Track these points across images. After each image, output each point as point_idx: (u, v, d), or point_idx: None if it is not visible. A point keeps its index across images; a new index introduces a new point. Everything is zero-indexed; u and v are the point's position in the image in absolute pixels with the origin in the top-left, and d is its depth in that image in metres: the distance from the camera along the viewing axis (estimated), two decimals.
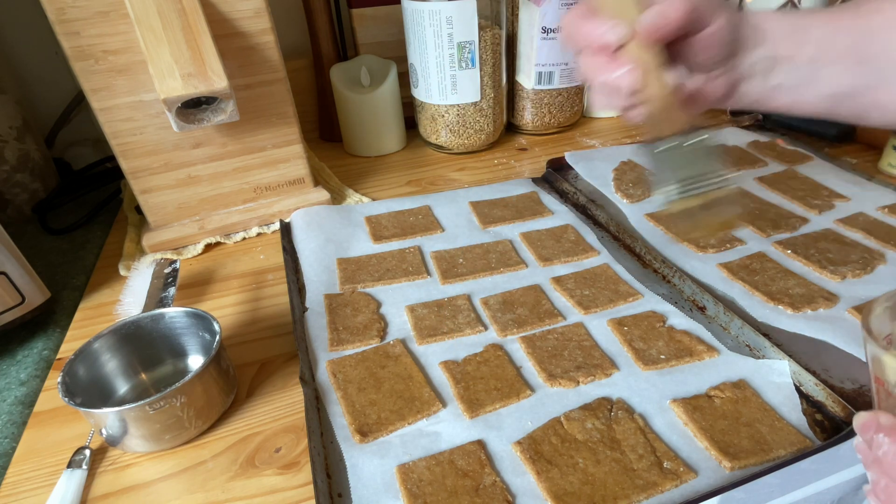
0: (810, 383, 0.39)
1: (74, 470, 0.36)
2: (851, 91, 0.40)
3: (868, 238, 0.54)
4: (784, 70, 0.40)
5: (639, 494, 0.32)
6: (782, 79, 0.41)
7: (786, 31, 0.39)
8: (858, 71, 0.39)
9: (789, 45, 0.39)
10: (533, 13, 0.74)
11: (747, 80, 0.40)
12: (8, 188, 0.67)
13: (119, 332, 0.41)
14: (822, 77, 0.40)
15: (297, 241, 0.58)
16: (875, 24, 0.38)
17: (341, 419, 0.38)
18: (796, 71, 0.40)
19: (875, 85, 0.39)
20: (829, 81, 0.40)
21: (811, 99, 0.41)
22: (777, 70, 0.40)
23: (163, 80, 0.46)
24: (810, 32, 0.40)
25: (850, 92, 0.40)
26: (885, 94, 0.39)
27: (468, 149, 0.78)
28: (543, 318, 0.46)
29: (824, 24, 0.39)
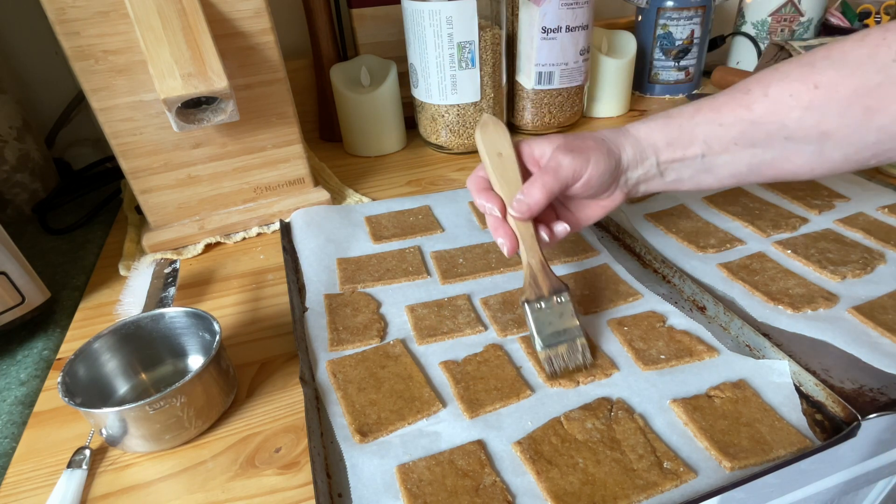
0: (810, 383, 0.39)
1: (74, 470, 0.36)
2: (751, 169, 0.42)
3: (868, 238, 0.54)
4: (677, 168, 0.43)
5: (639, 494, 0.32)
6: (677, 175, 0.44)
7: (668, 139, 0.42)
8: (752, 153, 0.41)
9: (674, 150, 0.42)
10: (533, 13, 0.74)
11: (643, 184, 0.44)
12: (8, 188, 0.67)
13: (119, 332, 0.41)
14: (716, 166, 0.42)
15: (297, 240, 0.58)
16: (758, 112, 0.39)
17: (341, 419, 0.38)
18: (689, 167, 0.43)
19: (774, 160, 0.41)
20: (724, 167, 0.42)
21: (712, 182, 0.44)
22: (669, 171, 0.43)
23: (163, 80, 0.46)
24: (694, 134, 0.41)
25: (750, 170, 0.42)
26: (787, 163, 0.41)
27: (468, 149, 0.78)
28: None
29: (708, 122, 0.41)
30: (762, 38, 0.98)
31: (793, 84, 0.38)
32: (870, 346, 0.42)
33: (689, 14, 0.90)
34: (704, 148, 0.41)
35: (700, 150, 0.42)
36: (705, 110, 0.42)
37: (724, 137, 0.41)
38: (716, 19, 1.02)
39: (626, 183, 0.44)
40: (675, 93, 0.98)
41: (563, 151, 0.41)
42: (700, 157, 0.42)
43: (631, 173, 0.43)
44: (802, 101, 0.38)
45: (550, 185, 0.40)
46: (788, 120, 0.38)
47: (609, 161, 0.41)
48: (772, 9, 0.95)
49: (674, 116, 0.43)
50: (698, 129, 0.41)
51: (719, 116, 0.41)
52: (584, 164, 0.41)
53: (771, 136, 0.39)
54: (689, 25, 0.91)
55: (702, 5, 0.89)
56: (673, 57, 0.94)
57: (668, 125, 0.42)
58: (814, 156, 0.39)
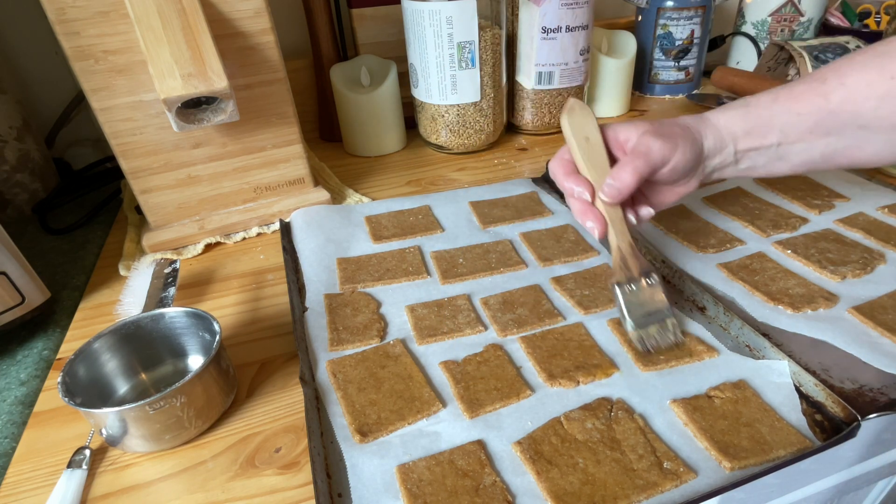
0: (810, 383, 0.39)
1: (74, 470, 0.36)
2: (824, 157, 0.42)
3: (868, 238, 0.54)
4: (752, 156, 0.44)
5: (639, 494, 0.32)
6: (752, 163, 0.44)
7: (746, 128, 0.43)
8: (826, 142, 0.41)
9: (752, 139, 0.43)
10: (533, 13, 0.74)
11: (719, 171, 0.45)
12: (8, 188, 0.67)
13: (119, 332, 0.41)
14: (790, 154, 0.43)
15: (297, 240, 0.58)
16: (835, 102, 0.40)
17: (341, 419, 0.38)
18: (764, 155, 0.43)
19: (847, 148, 0.41)
20: (799, 155, 0.43)
21: (786, 169, 0.44)
22: (745, 158, 0.44)
23: (163, 80, 0.46)
24: (772, 123, 0.42)
25: (824, 158, 0.42)
26: (860, 152, 0.41)
27: (468, 149, 0.78)
28: (543, 318, 0.46)
29: (786, 112, 0.42)
30: (762, 38, 0.98)
31: (870, 74, 0.39)
32: (870, 346, 0.42)
33: (689, 14, 0.90)
34: (781, 137, 0.42)
35: (776, 139, 0.42)
36: (783, 99, 0.42)
37: (800, 126, 0.41)
38: (716, 19, 1.02)
39: (703, 170, 0.44)
40: (675, 93, 0.98)
41: (651, 136, 0.41)
42: (776, 146, 0.42)
43: (710, 161, 0.44)
44: (879, 91, 0.38)
45: (641, 168, 0.41)
46: (864, 109, 0.39)
47: (694, 148, 0.42)
48: (772, 9, 0.95)
49: (752, 105, 0.43)
50: (776, 119, 0.42)
51: (797, 105, 0.41)
52: (673, 150, 0.41)
53: (845, 125, 0.40)
54: (689, 25, 0.91)
55: (702, 5, 0.89)
56: (673, 57, 0.94)
57: (748, 114, 0.43)
58: (886, 144, 0.40)
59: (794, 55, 0.86)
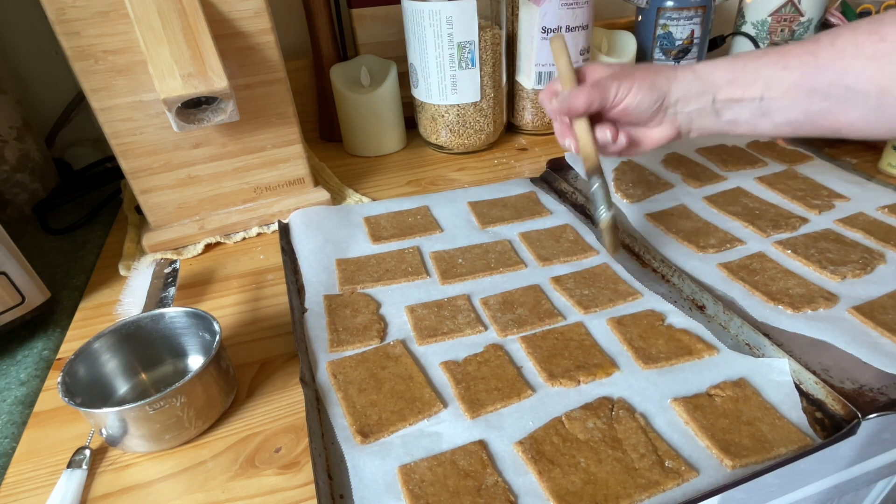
0: (810, 381, 0.39)
1: (74, 470, 0.36)
2: (808, 117, 0.43)
3: (868, 238, 0.54)
4: (734, 108, 0.45)
5: (640, 493, 0.32)
6: (734, 115, 0.45)
7: (729, 76, 0.44)
8: (811, 100, 0.42)
9: (735, 88, 0.44)
10: (533, 13, 0.74)
11: (697, 121, 0.47)
12: (8, 188, 0.67)
13: (119, 332, 0.41)
14: (774, 109, 0.43)
15: (296, 241, 0.58)
16: (823, 58, 0.41)
17: (342, 420, 0.38)
18: (747, 107, 0.44)
19: (830, 110, 0.41)
20: (782, 112, 0.43)
21: (768, 127, 0.45)
22: (726, 110, 0.45)
23: (163, 80, 0.46)
24: (757, 74, 0.43)
25: (807, 118, 0.43)
26: (844, 115, 0.41)
27: (468, 149, 0.78)
28: (543, 318, 0.46)
29: (772, 65, 0.43)
30: (762, 38, 0.98)
31: (860, 36, 0.39)
32: (870, 346, 0.42)
33: (689, 14, 0.90)
34: (764, 89, 0.43)
35: (760, 92, 0.43)
36: (772, 53, 0.43)
37: (786, 80, 0.42)
38: (716, 19, 1.02)
39: (675, 116, 0.47)
40: None
41: (611, 78, 0.46)
42: (759, 100, 0.43)
43: (681, 107, 0.46)
44: (866, 52, 0.39)
45: (592, 97, 0.46)
46: (852, 68, 0.39)
47: (651, 94, 0.45)
48: (772, 9, 0.95)
49: (740, 57, 0.45)
50: (762, 70, 0.43)
51: (784, 59, 0.42)
52: (626, 92, 0.46)
53: (831, 84, 0.40)
54: (689, 25, 0.91)
55: (702, 5, 0.89)
56: (673, 57, 0.94)
57: (733, 64, 0.44)
58: (871, 110, 0.40)
59: None
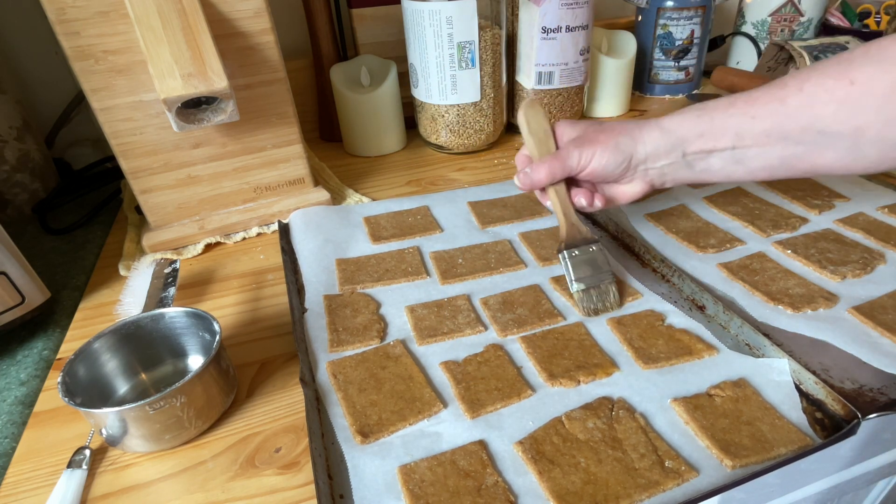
0: (810, 381, 0.39)
1: (74, 470, 0.35)
2: (783, 163, 0.42)
3: (868, 238, 0.54)
4: (707, 159, 0.44)
5: (640, 494, 0.32)
6: (706, 166, 0.45)
7: (697, 131, 0.44)
8: (783, 146, 0.41)
9: (705, 141, 0.44)
10: (533, 13, 0.74)
11: (670, 175, 0.47)
12: (8, 188, 0.67)
13: (119, 332, 0.41)
14: (747, 158, 0.43)
15: (296, 241, 0.58)
16: (792, 106, 0.40)
17: (342, 420, 0.38)
18: (719, 157, 0.44)
19: (805, 154, 0.41)
20: (755, 160, 0.43)
21: (743, 174, 0.45)
22: (699, 161, 0.45)
23: (163, 80, 0.46)
24: (725, 125, 0.43)
25: (782, 163, 0.42)
26: (820, 158, 0.41)
27: (468, 149, 0.78)
28: (543, 318, 0.46)
29: (740, 115, 0.42)
30: (762, 38, 0.98)
31: (828, 80, 0.38)
32: (870, 346, 0.42)
33: (689, 14, 0.90)
34: (735, 140, 0.42)
35: (731, 142, 0.42)
36: (739, 103, 0.42)
37: (755, 129, 0.41)
38: (716, 19, 1.02)
39: (646, 173, 0.47)
40: (675, 93, 0.98)
41: (574, 145, 0.47)
42: (731, 150, 0.43)
43: (651, 164, 0.46)
44: (837, 97, 0.38)
45: (555, 170, 0.47)
46: (823, 114, 0.39)
47: (615, 156, 0.45)
48: (772, 9, 0.95)
49: (707, 109, 0.44)
50: (730, 121, 0.42)
51: (752, 109, 0.42)
52: (589, 158, 0.46)
53: (804, 130, 0.40)
54: (689, 25, 0.91)
55: (702, 5, 0.89)
56: (673, 57, 0.94)
57: (700, 118, 0.44)
58: (848, 151, 0.39)
59: (794, 55, 0.86)
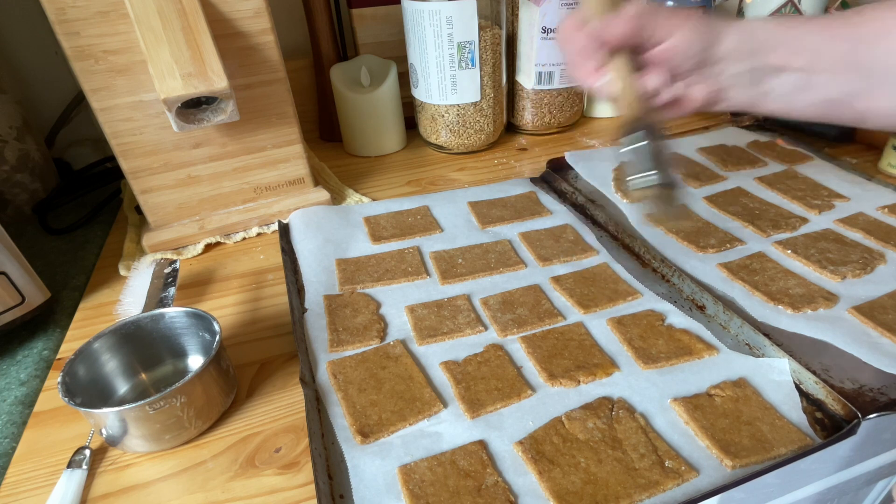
0: (810, 381, 0.39)
1: (74, 470, 0.35)
2: (842, 98, 0.41)
3: (868, 238, 0.54)
4: (775, 78, 0.41)
5: (640, 493, 0.32)
6: (773, 86, 0.42)
7: (779, 40, 0.40)
8: (849, 78, 0.40)
9: (782, 54, 0.40)
10: (533, 13, 0.74)
11: (735, 89, 0.42)
12: (8, 188, 0.67)
13: (119, 332, 0.41)
14: (813, 85, 0.41)
15: (296, 241, 0.57)
16: (866, 33, 0.39)
17: (342, 420, 0.38)
18: (787, 79, 0.41)
19: (866, 91, 0.40)
20: (820, 89, 0.41)
21: (802, 105, 0.42)
22: (768, 79, 0.41)
23: (163, 80, 0.46)
24: (804, 41, 0.40)
25: (842, 98, 0.41)
26: (877, 100, 0.40)
27: (468, 149, 0.78)
28: (543, 318, 0.46)
29: (819, 33, 0.40)
30: None
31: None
32: (870, 346, 0.42)
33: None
34: (811, 59, 0.40)
35: (806, 61, 0.40)
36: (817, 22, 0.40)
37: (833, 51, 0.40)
38: None
39: (717, 76, 0.42)
40: None
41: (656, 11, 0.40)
42: (803, 70, 0.40)
43: (726, 66, 0.41)
44: None
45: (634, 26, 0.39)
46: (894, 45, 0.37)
47: (701, 37, 0.40)
48: (772, 9, 0.95)
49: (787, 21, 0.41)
50: (809, 38, 0.40)
51: (830, 28, 0.40)
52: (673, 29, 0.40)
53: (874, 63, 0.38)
54: None
55: (702, 5, 0.89)
56: None
57: (781, 26, 0.41)
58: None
59: None
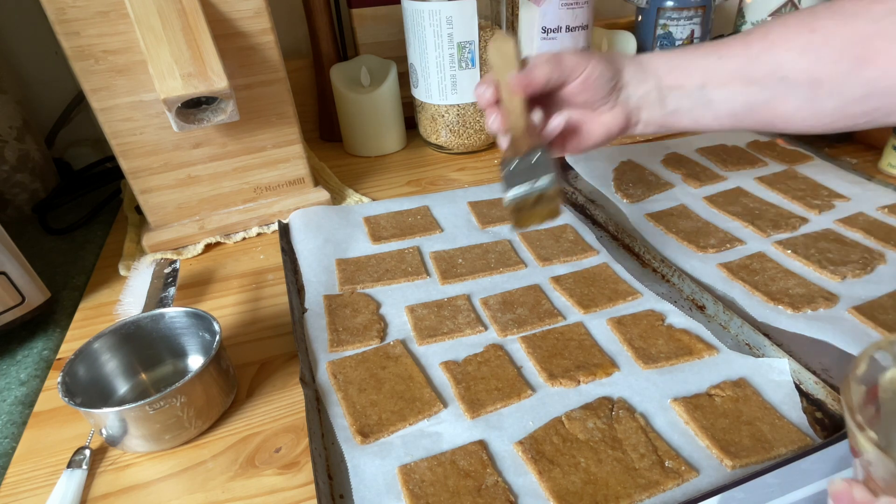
0: (810, 381, 0.39)
1: (74, 470, 0.35)
2: (747, 108, 0.43)
3: (868, 238, 0.54)
4: (676, 97, 0.45)
5: (640, 493, 0.32)
6: (677, 105, 0.45)
7: (670, 65, 0.44)
8: (748, 91, 0.42)
9: (675, 76, 0.44)
10: (533, 13, 0.74)
11: (644, 110, 0.46)
12: (8, 188, 0.67)
13: (119, 332, 0.41)
14: (714, 100, 0.44)
15: (296, 241, 0.57)
16: (756, 49, 0.41)
17: (342, 420, 0.38)
18: (688, 97, 0.44)
19: (767, 101, 0.42)
20: (722, 103, 0.44)
21: (710, 119, 0.45)
22: (669, 98, 0.45)
23: (163, 80, 0.46)
24: (695, 63, 0.44)
25: (747, 109, 0.43)
26: (779, 107, 0.42)
27: (468, 149, 0.78)
28: (543, 318, 0.46)
29: (709, 55, 0.43)
30: None
31: (791, 28, 0.40)
32: None
33: (689, 14, 0.90)
34: (704, 77, 0.43)
35: (700, 80, 0.43)
36: (707, 46, 0.44)
37: (722, 69, 0.43)
38: (716, 19, 1.02)
39: (627, 100, 0.45)
40: None
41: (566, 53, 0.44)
42: (699, 88, 0.43)
43: (632, 90, 0.45)
44: (798, 44, 0.39)
45: (551, 69, 0.42)
46: (784, 60, 0.40)
47: (608, 68, 0.44)
48: (772, 9, 0.95)
49: (677, 51, 0.45)
50: (700, 60, 0.44)
51: (719, 51, 0.43)
52: (585, 63, 0.43)
53: (767, 76, 0.41)
54: (689, 25, 0.91)
55: (702, 5, 0.89)
56: None
57: (671, 55, 0.45)
58: (807, 101, 0.40)
59: None
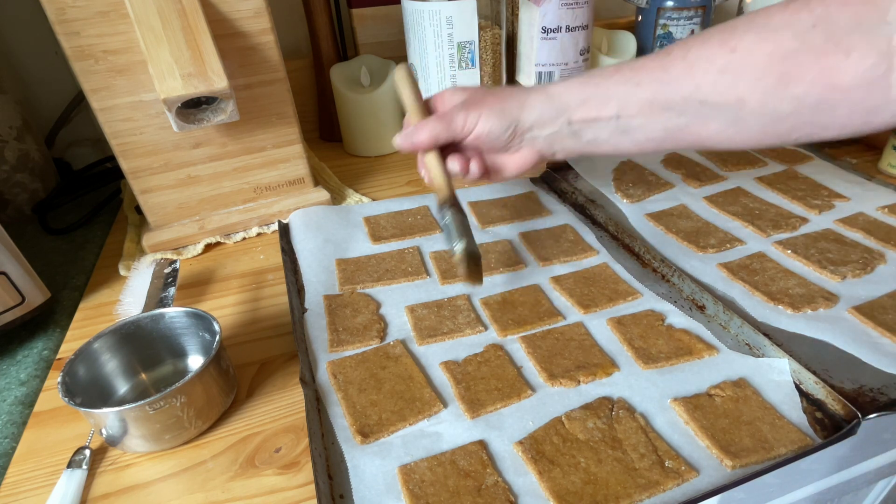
0: (810, 381, 0.39)
1: (74, 470, 0.35)
2: (667, 134, 0.41)
3: (868, 238, 0.54)
4: (591, 130, 0.43)
5: (640, 493, 0.32)
6: (593, 136, 0.44)
7: (582, 97, 0.43)
8: (665, 117, 0.40)
9: (588, 109, 0.42)
10: (533, 13, 0.74)
11: (557, 143, 0.45)
12: (8, 188, 0.67)
13: (119, 332, 0.41)
14: (632, 127, 0.42)
15: (296, 241, 0.57)
16: (674, 73, 0.39)
17: (342, 420, 0.38)
18: (604, 128, 0.43)
19: (689, 125, 0.40)
20: (640, 130, 0.42)
21: (629, 145, 0.43)
22: (584, 131, 0.43)
23: (163, 80, 0.46)
24: (610, 92, 0.42)
25: (666, 135, 0.41)
26: (703, 129, 0.40)
27: None
28: (543, 318, 0.46)
29: (624, 83, 0.41)
30: None
31: (711, 49, 0.37)
32: (870, 346, 0.42)
33: (689, 14, 0.90)
34: (619, 108, 0.41)
35: (615, 111, 0.41)
36: (625, 70, 0.41)
37: (638, 96, 0.40)
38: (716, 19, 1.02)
39: (533, 141, 0.45)
40: None
41: (458, 108, 0.45)
42: (615, 118, 0.42)
43: (538, 131, 0.44)
44: (718, 65, 0.37)
45: (438, 131, 0.44)
46: (703, 83, 0.37)
47: (501, 120, 0.44)
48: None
49: (594, 76, 0.43)
50: (614, 89, 0.41)
51: (636, 76, 0.41)
52: (475, 121, 0.44)
53: (686, 100, 0.39)
54: (689, 25, 0.91)
55: (702, 5, 0.89)
56: None
57: (586, 84, 0.43)
58: (730, 123, 0.38)
59: None
